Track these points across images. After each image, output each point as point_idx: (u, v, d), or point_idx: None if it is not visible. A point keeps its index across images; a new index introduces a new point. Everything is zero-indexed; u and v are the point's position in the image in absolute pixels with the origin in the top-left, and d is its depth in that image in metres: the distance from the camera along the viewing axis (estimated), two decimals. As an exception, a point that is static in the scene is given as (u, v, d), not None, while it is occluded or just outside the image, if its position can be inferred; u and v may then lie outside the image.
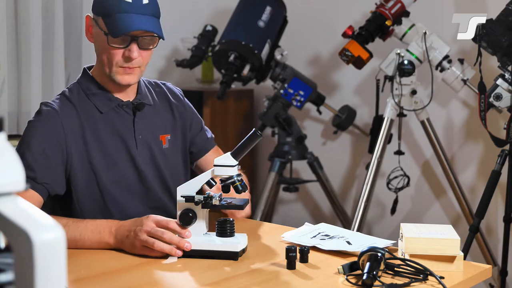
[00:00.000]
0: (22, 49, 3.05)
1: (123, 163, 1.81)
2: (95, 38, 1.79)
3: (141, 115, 1.84)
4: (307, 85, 3.27)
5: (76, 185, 1.76)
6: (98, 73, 1.82)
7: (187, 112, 1.98)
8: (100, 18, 1.73)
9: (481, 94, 2.55)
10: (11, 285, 0.75)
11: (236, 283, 1.42)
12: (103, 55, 1.75)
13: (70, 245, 1.58)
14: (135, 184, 1.82)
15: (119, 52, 1.72)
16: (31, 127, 1.76)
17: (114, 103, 1.81)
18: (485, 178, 2.83)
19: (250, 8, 3.24)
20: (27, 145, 1.73)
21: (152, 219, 1.57)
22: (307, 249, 1.53)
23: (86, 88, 1.82)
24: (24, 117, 3.09)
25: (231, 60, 3.10)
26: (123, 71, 1.74)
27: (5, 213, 0.71)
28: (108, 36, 1.71)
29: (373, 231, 3.52)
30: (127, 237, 1.58)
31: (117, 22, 1.68)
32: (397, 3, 2.93)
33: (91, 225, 1.62)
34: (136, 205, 1.81)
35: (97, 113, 1.80)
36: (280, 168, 3.27)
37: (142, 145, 1.83)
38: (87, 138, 1.77)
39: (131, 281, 1.43)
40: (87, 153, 1.76)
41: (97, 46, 1.79)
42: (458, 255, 1.48)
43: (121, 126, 1.81)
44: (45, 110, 1.77)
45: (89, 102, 1.80)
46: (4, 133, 0.75)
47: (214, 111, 3.56)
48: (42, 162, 1.71)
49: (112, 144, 1.80)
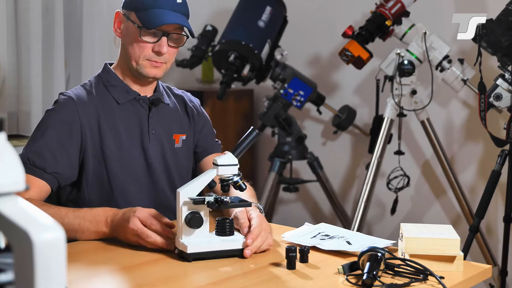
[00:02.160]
0: (22, 49, 3.05)
1: (134, 154, 1.85)
2: (123, 33, 1.84)
3: (156, 112, 1.89)
4: (307, 85, 3.27)
5: (87, 171, 1.81)
6: (120, 68, 1.89)
7: (201, 117, 2.04)
8: (133, 13, 1.80)
9: (481, 94, 2.55)
10: (11, 285, 0.75)
11: (236, 283, 1.42)
12: (132, 49, 1.81)
13: (69, 234, 1.64)
14: (143, 176, 1.87)
15: (149, 46, 1.79)
16: (47, 116, 1.81)
17: (132, 95, 1.87)
18: (485, 178, 2.83)
19: (250, 8, 3.24)
20: (41, 134, 1.77)
21: (139, 218, 1.58)
22: (307, 249, 1.53)
23: (106, 80, 1.88)
24: (24, 117, 3.09)
25: (231, 60, 3.10)
26: (150, 64, 1.81)
27: (5, 213, 0.71)
28: (141, 29, 1.77)
29: (373, 231, 3.52)
30: (120, 227, 1.61)
31: (152, 15, 1.76)
32: (397, 3, 2.93)
33: (89, 214, 1.66)
34: (142, 197, 1.85)
35: (114, 103, 1.85)
36: (280, 168, 3.27)
37: (154, 140, 1.88)
38: (102, 126, 1.82)
39: (131, 281, 1.43)
40: (101, 141, 1.81)
41: (125, 40, 1.84)
42: (458, 255, 1.48)
43: (136, 118, 1.87)
44: (62, 99, 1.82)
45: (107, 92, 1.86)
46: (4, 133, 0.76)
47: (214, 111, 3.56)
48: (56, 151, 1.75)
49: (126, 134, 1.85)
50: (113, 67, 1.91)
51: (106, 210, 1.66)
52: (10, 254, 0.74)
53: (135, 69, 1.82)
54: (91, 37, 3.28)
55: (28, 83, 3.06)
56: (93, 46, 3.29)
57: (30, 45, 3.03)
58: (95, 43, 3.29)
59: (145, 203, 1.82)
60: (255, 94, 3.91)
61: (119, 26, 1.86)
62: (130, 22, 1.80)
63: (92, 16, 3.28)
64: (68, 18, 3.26)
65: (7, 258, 0.77)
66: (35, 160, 1.74)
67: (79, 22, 3.29)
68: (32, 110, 3.07)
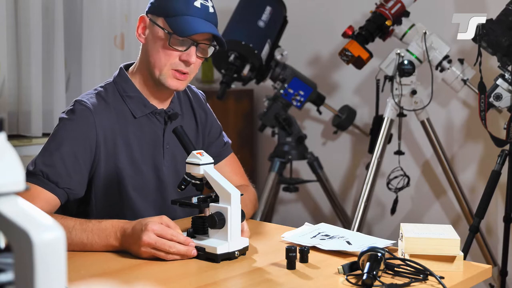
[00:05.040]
0: (22, 49, 3.05)
1: (147, 171, 1.80)
2: (149, 40, 1.75)
3: (171, 125, 1.82)
4: (307, 85, 3.27)
5: (97, 185, 1.76)
6: (138, 75, 1.80)
7: (208, 118, 1.99)
8: (162, 19, 1.71)
9: (481, 94, 2.55)
10: (11, 285, 0.75)
11: (236, 283, 1.42)
12: (158, 56, 1.72)
13: (77, 248, 1.58)
14: (154, 192, 1.82)
15: (176, 54, 1.71)
16: (63, 126, 1.72)
17: (149, 109, 1.80)
18: (485, 178, 2.83)
19: (250, 8, 3.24)
20: (56, 145, 1.70)
21: (154, 231, 1.50)
22: (307, 249, 1.53)
23: (122, 89, 1.80)
24: (24, 117, 3.09)
25: (231, 60, 3.10)
26: (173, 74, 1.73)
27: (5, 213, 0.71)
28: (171, 36, 1.69)
29: (373, 231, 3.53)
30: (132, 242, 1.53)
31: (185, 23, 1.68)
32: (397, 3, 2.93)
33: (97, 228, 1.58)
34: (150, 212, 1.79)
35: (130, 117, 1.78)
36: (280, 168, 3.27)
37: (168, 155, 1.84)
38: (117, 140, 1.76)
39: (131, 281, 1.43)
40: (115, 156, 1.75)
41: (150, 46, 1.74)
42: (458, 255, 1.48)
43: (151, 133, 1.81)
44: (79, 109, 1.73)
45: (124, 104, 1.79)
46: (4, 133, 0.75)
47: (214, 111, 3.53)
48: (70, 166, 1.69)
49: (140, 150, 1.79)
50: (130, 72, 1.82)
51: (115, 223, 1.58)
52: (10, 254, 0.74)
53: (157, 78, 1.74)
54: (91, 37, 3.28)
55: (28, 83, 3.05)
56: (93, 46, 3.29)
57: (30, 45, 3.03)
58: (95, 43, 3.29)
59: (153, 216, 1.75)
60: (255, 94, 3.91)
61: (144, 31, 1.76)
62: (158, 27, 1.71)
63: (92, 16, 3.28)
64: (68, 18, 3.26)
65: (7, 258, 0.77)
66: (49, 173, 1.67)
67: (79, 22, 3.29)
68: (32, 110, 3.06)
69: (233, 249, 1.53)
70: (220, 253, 1.50)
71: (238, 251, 1.54)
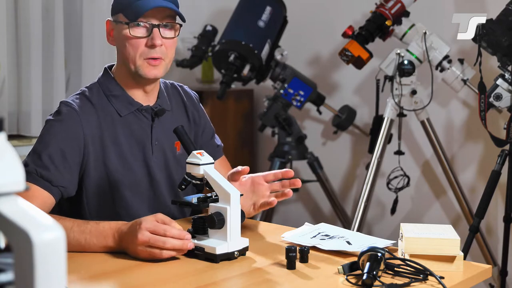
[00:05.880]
0: (22, 49, 3.05)
1: (137, 168, 1.81)
2: (116, 38, 1.79)
3: (159, 121, 1.84)
4: (307, 85, 3.27)
5: (88, 185, 1.76)
6: (119, 73, 1.82)
7: (201, 118, 1.99)
8: (120, 14, 1.76)
9: (481, 94, 2.55)
10: (11, 285, 0.75)
11: (236, 283, 1.42)
12: (126, 50, 1.74)
13: (75, 249, 1.57)
14: (146, 189, 1.82)
15: (142, 42, 1.73)
16: (50, 127, 1.74)
17: (134, 107, 1.81)
18: (485, 178, 2.83)
19: (250, 8, 3.24)
20: (45, 146, 1.71)
21: (148, 228, 1.50)
22: (307, 249, 1.53)
23: (107, 89, 1.81)
24: (24, 117, 3.09)
25: (231, 60, 3.10)
26: (148, 63, 1.74)
27: (5, 213, 0.71)
28: (129, 26, 1.73)
29: (373, 231, 3.52)
30: (129, 242, 1.53)
31: (135, 7, 1.71)
32: (397, 3, 2.93)
33: (95, 229, 1.57)
34: (144, 210, 1.79)
35: (116, 115, 1.79)
36: (280, 168, 3.27)
37: (158, 151, 1.84)
38: (105, 139, 1.76)
39: (131, 281, 1.43)
40: (103, 155, 1.76)
41: (119, 44, 1.78)
42: (458, 255, 1.48)
43: (139, 131, 1.81)
44: (65, 110, 1.74)
45: (109, 104, 1.80)
46: (4, 133, 0.75)
47: (214, 111, 3.56)
48: (60, 164, 1.69)
49: (129, 148, 1.79)
50: (113, 71, 1.84)
51: (113, 225, 1.57)
52: (10, 254, 0.74)
53: (134, 71, 1.75)
54: (91, 37, 3.28)
55: (28, 83, 3.05)
56: (93, 46, 3.29)
57: (30, 45, 3.03)
58: (95, 43, 3.29)
59: (147, 214, 1.73)
60: (255, 94, 3.91)
61: (112, 34, 1.80)
62: (119, 24, 1.76)
63: (92, 16, 3.28)
64: (68, 18, 3.26)
65: (7, 258, 0.77)
66: (42, 172, 1.67)
67: (79, 22, 3.29)
68: (32, 110, 3.07)
69: (233, 249, 1.53)
70: (219, 253, 1.50)
71: (237, 251, 1.54)
